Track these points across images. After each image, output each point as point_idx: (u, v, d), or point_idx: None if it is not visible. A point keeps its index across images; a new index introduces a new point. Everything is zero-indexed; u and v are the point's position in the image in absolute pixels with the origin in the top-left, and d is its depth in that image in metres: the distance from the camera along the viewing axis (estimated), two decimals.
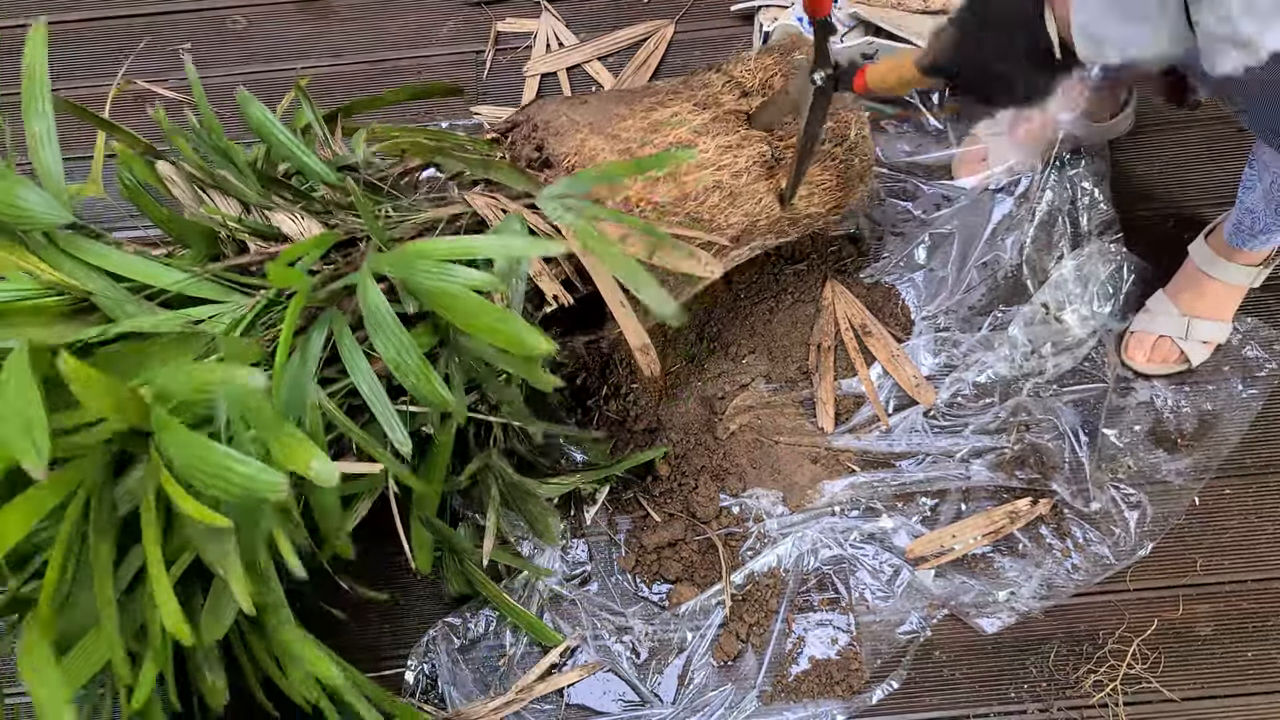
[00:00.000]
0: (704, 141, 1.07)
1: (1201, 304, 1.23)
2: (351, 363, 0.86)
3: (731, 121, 1.10)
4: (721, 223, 1.08)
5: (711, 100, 1.11)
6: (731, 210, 1.08)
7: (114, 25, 1.53)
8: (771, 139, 1.11)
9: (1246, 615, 1.19)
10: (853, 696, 1.15)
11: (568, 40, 1.50)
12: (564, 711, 1.16)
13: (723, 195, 1.07)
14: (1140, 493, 1.22)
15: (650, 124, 1.08)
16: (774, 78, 1.13)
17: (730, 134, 1.09)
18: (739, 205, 1.08)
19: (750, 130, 1.10)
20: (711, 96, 1.12)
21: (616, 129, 1.06)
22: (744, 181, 1.08)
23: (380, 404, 0.86)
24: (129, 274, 0.87)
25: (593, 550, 1.23)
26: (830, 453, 1.26)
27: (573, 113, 1.08)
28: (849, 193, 1.18)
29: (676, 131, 1.07)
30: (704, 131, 1.08)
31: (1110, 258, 1.30)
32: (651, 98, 1.11)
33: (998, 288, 1.32)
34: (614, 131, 1.06)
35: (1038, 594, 1.18)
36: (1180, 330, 1.23)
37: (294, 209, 0.96)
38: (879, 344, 1.29)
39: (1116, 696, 1.15)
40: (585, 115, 1.08)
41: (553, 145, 1.04)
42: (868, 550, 1.21)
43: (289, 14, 1.54)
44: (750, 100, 1.12)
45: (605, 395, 1.29)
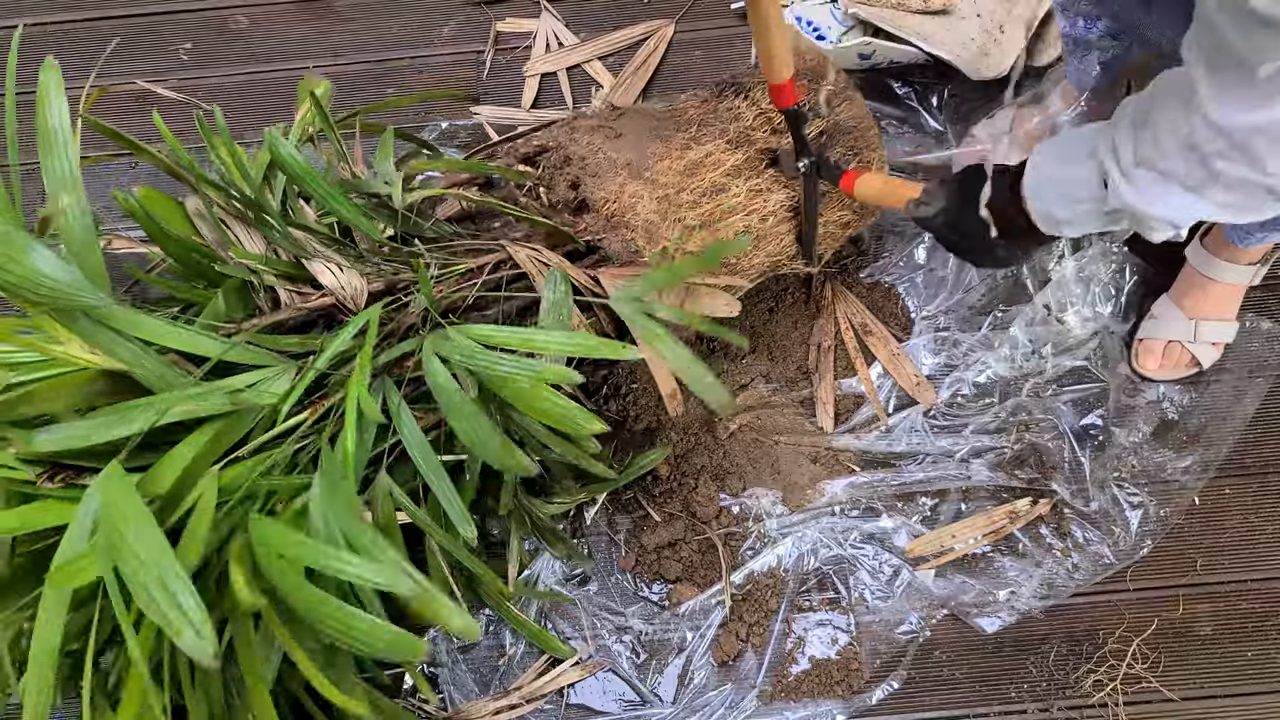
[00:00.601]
0: (736, 185, 1.08)
1: (1205, 305, 1.23)
2: (410, 439, 0.86)
3: (760, 161, 1.11)
4: (746, 265, 1.09)
5: (743, 138, 1.11)
6: (756, 253, 1.09)
7: (114, 25, 1.53)
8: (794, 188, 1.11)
9: (1246, 615, 1.19)
10: (853, 696, 1.15)
11: (567, 40, 1.50)
12: (564, 711, 1.16)
13: (751, 239, 1.08)
14: (1142, 492, 1.22)
15: (686, 165, 1.08)
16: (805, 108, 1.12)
17: (759, 176, 1.10)
18: (763, 248, 1.10)
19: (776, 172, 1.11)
20: (743, 133, 1.11)
21: (654, 172, 1.06)
22: (770, 224, 1.10)
23: (440, 483, 0.86)
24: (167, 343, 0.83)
25: (593, 550, 1.23)
26: (830, 452, 1.26)
27: (608, 148, 1.07)
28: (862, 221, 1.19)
29: (711, 175, 1.08)
30: (736, 174, 1.09)
31: (1111, 259, 1.30)
32: (684, 132, 1.11)
33: (997, 287, 1.32)
34: (652, 175, 1.06)
35: (1038, 593, 1.18)
36: (1188, 334, 1.24)
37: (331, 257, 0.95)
38: (879, 344, 1.29)
39: (1116, 696, 1.16)
40: (622, 153, 1.07)
41: (590, 187, 1.04)
42: (868, 550, 1.21)
43: (290, 14, 1.54)
44: (780, 139, 1.11)
45: (605, 395, 1.29)
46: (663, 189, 1.05)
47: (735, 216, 1.07)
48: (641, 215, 1.02)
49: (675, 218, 1.04)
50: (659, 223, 1.03)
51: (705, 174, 1.08)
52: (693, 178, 1.07)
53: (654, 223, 1.03)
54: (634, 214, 1.02)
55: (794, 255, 1.15)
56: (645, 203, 1.03)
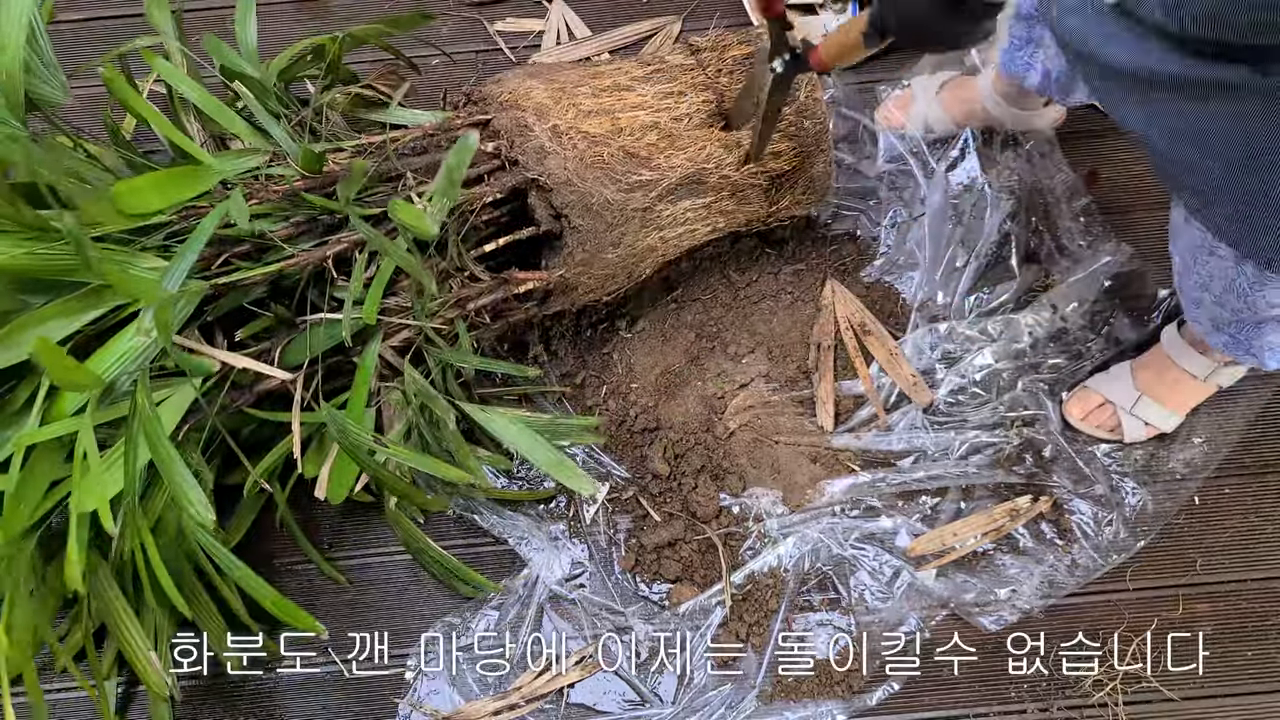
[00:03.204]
0: (642, 87, 1.11)
1: (1159, 387, 1.20)
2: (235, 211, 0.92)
3: (675, 72, 1.13)
4: (662, 163, 1.10)
5: (655, 59, 1.15)
6: (672, 152, 1.10)
7: (113, 25, 1.53)
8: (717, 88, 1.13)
9: (1246, 615, 1.19)
10: (853, 696, 1.15)
11: (579, 32, 1.50)
12: (564, 711, 1.16)
13: (660, 135, 1.10)
14: (1143, 489, 1.22)
15: (590, 72, 1.12)
16: (729, 41, 1.15)
17: (672, 83, 1.12)
18: (680, 148, 1.10)
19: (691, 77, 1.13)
20: (655, 55, 1.16)
21: (554, 75, 1.11)
22: (684, 126, 1.11)
23: None
24: None
25: (593, 550, 1.23)
26: (830, 452, 1.26)
27: (520, 73, 1.14)
28: (809, 160, 1.18)
29: (615, 77, 1.11)
30: (644, 80, 1.12)
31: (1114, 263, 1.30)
32: (599, 64, 1.16)
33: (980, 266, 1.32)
34: (551, 77, 1.11)
35: (1039, 591, 1.18)
36: (1128, 403, 1.21)
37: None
38: (877, 344, 1.29)
39: (1116, 696, 1.16)
40: (530, 70, 1.13)
41: (490, 88, 1.11)
42: (868, 550, 1.21)
43: (288, 13, 1.53)
44: (699, 56, 1.14)
45: (605, 395, 1.29)
46: (560, 84, 1.10)
47: (640, 111, 1.10)
48: (534, 100, 1.07)
49: (569, 103, 1.08)
50: (550, 105, 1.07)
51: (608, 77, 1.12)
52: (594, 79, 1.11)
53: (545, 105, 1.06)
54: (526, 99, 1.07)
55: (733, 180, 1.14)
56: (539, 92, 1.08)
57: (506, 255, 1.11)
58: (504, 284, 1.08)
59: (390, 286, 1.01)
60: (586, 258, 1.09)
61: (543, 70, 1.15)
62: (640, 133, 1.08)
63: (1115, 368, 1.25)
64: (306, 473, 1.03)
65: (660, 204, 1.11)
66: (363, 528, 1.26)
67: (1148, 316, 1.29)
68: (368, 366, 1.00)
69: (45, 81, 0.98)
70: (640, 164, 1.08)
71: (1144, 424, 1.22)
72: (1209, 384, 1.19)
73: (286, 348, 1.01)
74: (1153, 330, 1.28)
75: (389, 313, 1.02)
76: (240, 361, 0.95)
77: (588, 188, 1.05)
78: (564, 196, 1.05)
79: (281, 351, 1.01)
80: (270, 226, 0.97)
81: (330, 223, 1.02)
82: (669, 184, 1.10)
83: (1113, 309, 1.29)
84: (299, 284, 1.01)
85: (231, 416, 1.01)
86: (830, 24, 1.46)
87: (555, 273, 1.09)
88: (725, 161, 1.13)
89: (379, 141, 1.07)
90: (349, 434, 0.96)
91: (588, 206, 1.06)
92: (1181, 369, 1.17)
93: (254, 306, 1.01)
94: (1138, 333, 1.28)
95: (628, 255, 1.13)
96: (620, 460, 1.26)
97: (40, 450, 0.87)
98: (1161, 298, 1.29)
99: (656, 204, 1.11)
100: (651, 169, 1.09)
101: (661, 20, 1.50)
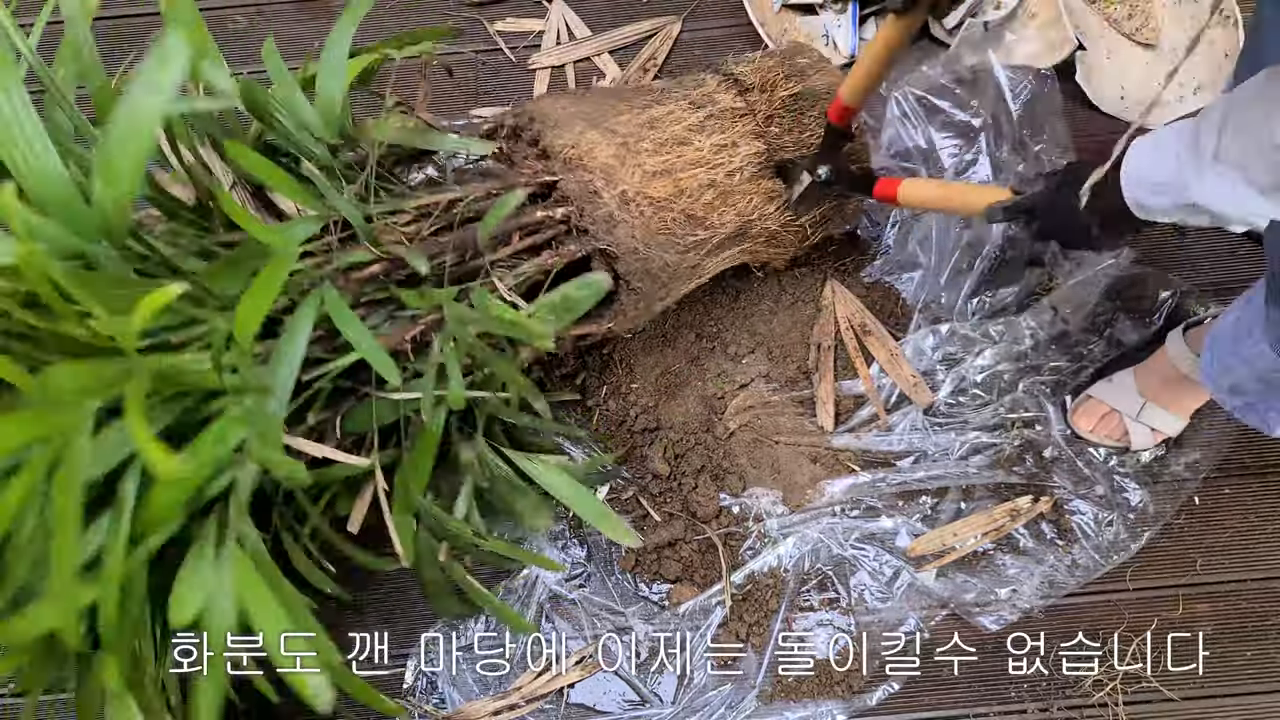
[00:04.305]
0: (699, 139, 1.08)
1: (1163, 393, 1.20)
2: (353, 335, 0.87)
3: (726, 119, 1.11)
4: (715, 221, 1.08)
5: (706, 99, 1.12)
6: (725, 209, 1.09)
7: (113, 25, 1.53)
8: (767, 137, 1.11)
9: (1246, 615, 1.19)
10: (853, 696, 1.15)
11: (579, 32, 1.50)
12: (564, 711, 1.16)
13: (716, 193, 1.08)
14: (1143, 489, 1.22)
15: (647, 120, 1.09)
16: (776, 78, 1.13)
17: (724, 132, 1.10)
18: (731, 204, 1.09)
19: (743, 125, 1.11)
20: (706, 95, 1.13)
21: (613, 123, 1.07)
22: (736, 181, 1.09)
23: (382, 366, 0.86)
24: None
25: (592, 550, 1.23)
26: (830, 452, 1.26)
27: (570, 105, 1.09)
28: (848, 200, 1.19)
29: (673, 129, 1.08)
30: (699, 129, 1.09)
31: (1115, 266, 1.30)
32: (647, 95, 1.12)
33: (986, 269, 1.32)
34: (611, 126, 1.07)
35: (1039, 591, 1.18)
36: (1133, 410, 1.21)
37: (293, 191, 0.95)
38: (878, 344, 1.29)
39: (1116, 696, 1.16)
40: (582, 108, 1.09)
41: (550, 137, 1.05)
42: (868, 550, 1.21)
43: (288, 14, 1.53)
44: (748, 97, 1.12)
45: (605, 395, 1.29)
46: (622, 138, 1.06)
47: (699, 169, 1.08)
48: (599, 159, 1.03)
49: (634, 163, 1.05)
50: (617, 167, 1.04)
51: (666, 128, 1.09)
52: (653, 130, 1.08)
53: (611, 166, 1.03)
54: (591, 158, 1.03)
55: (769, 229, 1.14)
56: (603, 148, 1.04)
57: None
58: (560, 341, 1.07)
59: None
60: (638, 314, 1.09)
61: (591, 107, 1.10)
62: (699, 192, 1.07)
63: (1117, 376, 1.24)
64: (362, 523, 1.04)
65: (708, 259, 1.11)
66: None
67: (1149, 319, 1.29)
68: (433, 436, 0.97)
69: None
70: (697, 224, 1.07)
71: (1150, 430, 1.22)
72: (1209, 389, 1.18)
73: (347, 416, 0.99)
74: (1154, 333, 1.28)
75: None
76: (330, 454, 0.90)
77: (650, 254, 1.04)
78: (628, 264, 1.03)
79: (341, 420, 0.99)
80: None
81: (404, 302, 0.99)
82: (718, 240, 1.10)
83: (1114, 312, 1.29)
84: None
85: None
86: (830, 25, 1.46)
87: (605, 325, 1.08)
88: (768, 212, 1.12)
89: (444, 202, 1.02)
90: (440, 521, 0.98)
91: (648, 271, 1.05)
92: (1184, 374, 1.17)
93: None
94: (1139, 335, 1.28)
95: (670, 302, 1.14)
96: (620, 460, 1.26)
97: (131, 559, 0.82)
98: (1163, 299, 1.29)
99: (704, 260, 1.11)
100: (705, 228, 1.08)
101: (661, 20, 1.50)
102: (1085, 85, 1.40)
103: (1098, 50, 1.43)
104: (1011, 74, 1.37)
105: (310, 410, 0.96)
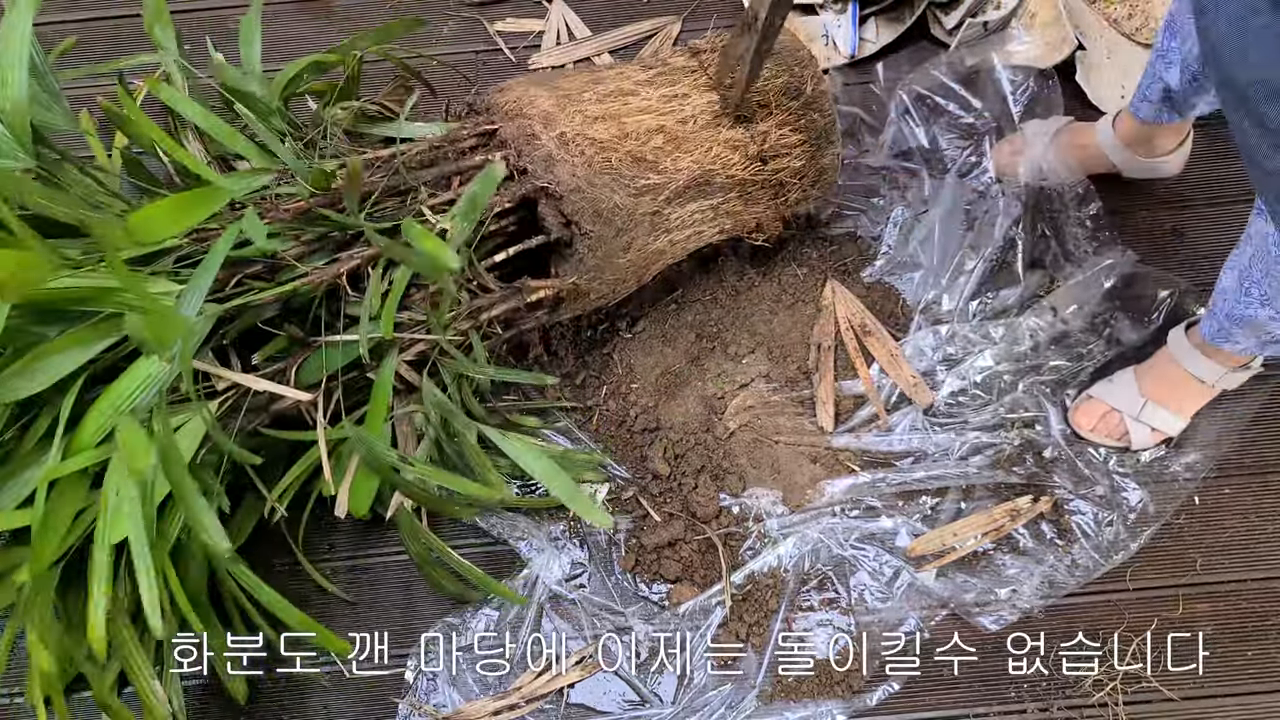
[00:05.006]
0: (647, 91, 1.11)
1: (1164, 392, 1.20)
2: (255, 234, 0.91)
3: (677, 75, 1.13)
4: (669, 166, 1.10)
5: (658, 62, 1.15)
6: (679, 155, 1.10)
7: (114, 25, 1.53)
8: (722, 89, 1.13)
9: (1246, 614, 1.19)
10: (853, 696, 1.15)
11: (579, 32, 1.50)
12: (564, 711, 1.16)
13: (667, 138, 1.09)
14: (1143, 489, 1.22)
15: (593, 78, 1.12)
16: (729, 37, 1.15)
17: (675, 85, 1.12)
18: (686, 150, 1.10)
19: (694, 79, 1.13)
20: (658, 60, 1.16)
21: (559, 83, 1.11)
22: (690, 128, 1.11)
23: None
24: None
25: (592, 550, 1.23)
26: (830, 452, 1.26)
27: (523, 79, 1.14)
28: (819, 153, 1.18)
29: (619, 83, 1.11)
30: (647, 84, 1.12)
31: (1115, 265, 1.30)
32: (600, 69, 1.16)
33: (986, 270, 1.32)
34: (555, 85, 1.10)
35: (1039, 591, 1.18)
36: (1134, 409, 1.21)
37: None
38: (878, 345, 1.29)
39: (1116, 696, 1.16)
40: (533, 78, 1.13)
41: (495, 99, 1.10)
42: (868, 551, 1.21)
43: (289, 14, 1.54)
44: (700, 57, 1.14)
45: (605, 395, 1.29)
46: (565, 91, 1.10)
47: (646, 116, 1.09)
48: (539, 108, 1.06)
49: (575, 109, 1.07)
50: (556, 113, 1.06)
51: (612, 83, 1.12)
52: (598, 85, 1.11)
53: (551, 113, 1.06)
54: (532, 107, 1.07)
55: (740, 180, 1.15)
56: (544, 100, 1.07)
57: (516, 264, 1.11)
58: (517, 293, 1.08)
59: (402, 301, 1.00)
60: (598, 263, 1.09)
61: (545, 77, 1.14)
62: (646, 136, 1.08)
63: (1118, 375, 1.24)
64: (326, 491, 1.03)
65: (669, 207, 1.11)
66: (362, 529, 1.26)
67: (1148, 318, 1.29)
68: (385, 382, 0.99)
69: (48, 109, 0.98)
70: (648, 168, 1.08)
71: (1150, 429, 1.22)
72: (1215, 388, 1.18)
73: (301, 367, 1.00)
74: (1153, 332, 1.28)
75: (403, 328, 1.02)
76: (258, 384, 0.94)
77: (597, 193, 1.05)
78: (574, 203, 1.04)
79: (297, 371, 1.00)
80: (281, 246, 0.97)
81: (341, 239, 1.02)
82: (677, 187, 1.10)
83: (1113, 311, 1.29)
84: (312, 302, 1.00)
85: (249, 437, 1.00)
86: (830, 24, 1.46)
87: (567, 280, 1.09)
88: (732, 161, 1.13)
89: (386, 155, 1.06)
90: (376, 453, 0.97)
91: (598, 212, 1.06)
92: (1188, 373, 1.17)
93: (267, 327, 1.00)
94: (1139, 334, 1.28)
95: (638, 259, 1.13)
96: (620, 460, 1.26)
97: (64, 483, 0.87)
98: (1161, 298, 1.29)
99: (665, 207, 1.11)
100: (659, 173, 1.09)
101: (661, 21, 1.50)
102: (1085, 85, 1.40)
103: (1098, 50, 1.43)
104: (1013, 74, 1.37)
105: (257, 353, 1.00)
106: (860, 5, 1.45)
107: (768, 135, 1.14)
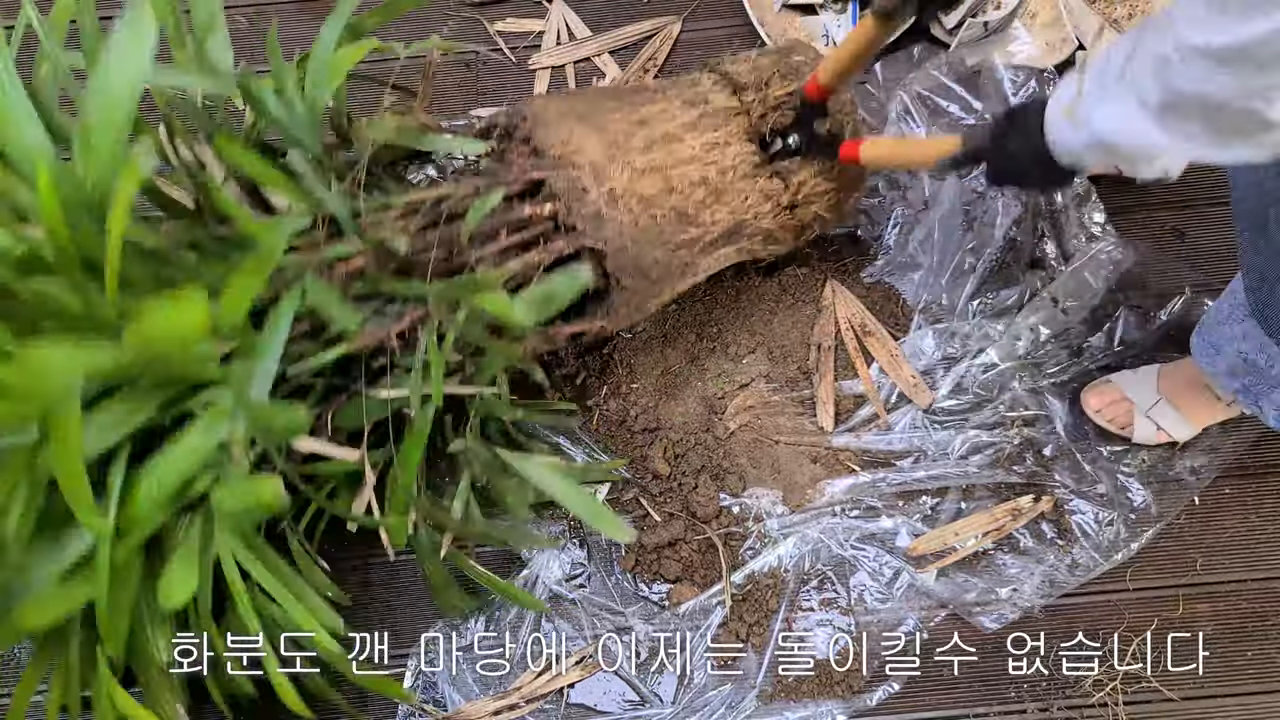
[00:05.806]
0: (691, 137, 1.08)
1: (1182, 396, 1.19)
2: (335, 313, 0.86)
3: (720, 119, 1.11)
4: (706, 219, 1.08)
5: (700, 98, 1.12)
6: (718, 206, 1.09)
7: None
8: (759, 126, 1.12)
9: (1246, 615, 1.19)
10: (853, 696, 1.15)
11: (579, 32, 1.50)
12: (564, 711, 1.17)
13: (708, 191, 1.08)
14: (1145, 489, 1.22)
15: (639, 118, 1.08)
16: (771, 77, 1.13)
17: (717, 130, 1.10)
18: (724, 202, 1.09)
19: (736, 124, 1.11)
20: (700, 95, 1.13)
21: (604, 121, 1.07)
22: (729, 179, 1.09)
23: None
24: None
25: (592, 550, 1.23)
26: (830, 452, 1.26)
27: (562, 104, 1.09)
28: (848, 196, 1.18)
29: (665, 126, 1.08)
30: (692, 127, 1.09)
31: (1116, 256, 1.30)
32: (640, 94, 1.12)
33: (987, 270, 1.32)
34: (602, 124, 1.07)
35: (1039, 591, 1.18)
36: (1146, 404, 1.21)
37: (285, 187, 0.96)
38: (878, 345, 1.29)
39: (1116, 696, 1.16)
40: (575, 107, 1.09)
41: (540, 135, 1.05)
42: (868, 551, 1.21)
43: (289, 14, 1.54)
44: (742, 96, 1.13)
45: (605, 395, 1.29)
46: (612, 135, 1.06)
47: (690, 166, 1.07)
48: (588, 156, 1.03)
49: (623, 161, 1.04)
50: (606, 164, 1.03)
51: (658, 125, 1.08)
52: (644, 128, 1.08)
53: (600, 164, 1.03)
54: (581, 155, 1.03)
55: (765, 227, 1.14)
56: (593, 146, 1.04)
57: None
58: (547, 338, 1.07)
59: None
60: (629, 312, 1.09)
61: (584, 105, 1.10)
62: (690, 190, 1.07)
63: (1143, 369, 1.24)
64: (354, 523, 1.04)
65: (701, 257, 1.11)
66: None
67: (1151, 315, 1.29)
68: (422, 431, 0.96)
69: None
70: (688, 222, 1.07)
71: (1156, 428, 1.21)
72: (1232, 408, 1.18)
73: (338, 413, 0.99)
74: (1161, 332, 1.27)
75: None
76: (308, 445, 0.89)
77: (639, 250, 1.04)
78: (617, 261, 1.03)
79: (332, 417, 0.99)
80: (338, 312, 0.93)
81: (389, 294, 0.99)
82: (711, 238, 1.10)
83: (1115, 307, 1.29)
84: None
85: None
86: (830, 24, 1.46)
87: (597, 323, 1.08)
88: (763, 211, 1.12)
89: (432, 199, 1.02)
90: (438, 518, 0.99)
91: (638, 268, 1.05)
92: (1206, 382, 1.16)
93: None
94: (1142, 334, 1.28)
95: (664, 301, 1.14)
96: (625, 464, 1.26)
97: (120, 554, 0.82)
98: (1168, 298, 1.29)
99: (698, 258, 1.11)
100: (697, 226, 1.08)
101: (662, 21, 1.50)
102: None
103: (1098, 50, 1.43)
104: (1013, 74, 1.37)
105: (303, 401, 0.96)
106: (860, 5, 1.45)
107: (803, 185, 1.14)
